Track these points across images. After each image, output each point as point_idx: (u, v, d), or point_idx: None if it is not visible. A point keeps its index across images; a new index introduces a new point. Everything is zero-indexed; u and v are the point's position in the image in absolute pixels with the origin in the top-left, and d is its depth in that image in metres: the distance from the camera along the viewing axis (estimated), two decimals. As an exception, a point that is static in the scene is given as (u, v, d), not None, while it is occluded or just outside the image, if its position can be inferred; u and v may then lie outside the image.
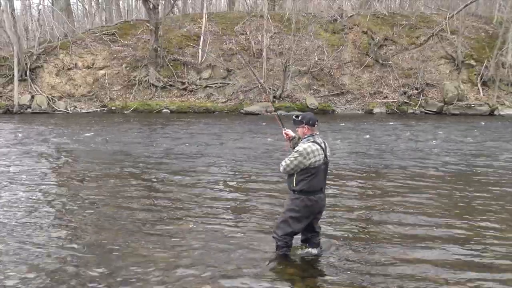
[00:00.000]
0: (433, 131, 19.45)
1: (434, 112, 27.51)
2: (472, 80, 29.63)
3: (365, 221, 7.49)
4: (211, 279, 5.35)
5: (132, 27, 32.80)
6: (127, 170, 11.30)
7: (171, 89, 29.11)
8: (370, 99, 28.86)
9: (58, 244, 6.40)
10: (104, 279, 5.33)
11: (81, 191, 9.28)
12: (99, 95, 28.48)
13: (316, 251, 6.05)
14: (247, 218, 7.57)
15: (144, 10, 34.57)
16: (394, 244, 6.47)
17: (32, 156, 13.11)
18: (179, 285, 5.21)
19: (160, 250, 6.16)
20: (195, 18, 33.72)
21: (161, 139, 16.57)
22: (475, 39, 31.44)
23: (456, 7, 32.62)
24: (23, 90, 27.64)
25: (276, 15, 33.99)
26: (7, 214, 7.63)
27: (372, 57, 30.42)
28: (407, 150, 14.45)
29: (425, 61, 30.14)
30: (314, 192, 5.64)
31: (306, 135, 5.71)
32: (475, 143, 16.09)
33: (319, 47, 30.20)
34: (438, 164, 12.28)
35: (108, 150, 14.24)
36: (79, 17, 49.23)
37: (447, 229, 7.07)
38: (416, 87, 28.68)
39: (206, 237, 6.68)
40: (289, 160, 5.56)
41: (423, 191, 9.43)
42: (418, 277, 5.46)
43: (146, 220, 7.39)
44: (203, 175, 10.75)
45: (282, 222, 5.78)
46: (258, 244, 6.38)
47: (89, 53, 30.14)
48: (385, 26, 32.55)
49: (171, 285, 5.20)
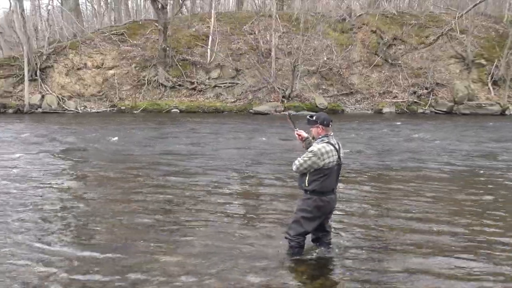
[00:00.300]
0: (445, 130, 19.33)
1: (444, 112, 27.37)
2: (483, 79, 29.44)
3: (376, 222, 7.44)
4: (221, 278, 5.35)
5: (141, 27, 32.87)
6: (135, 170, 11.30)
7: (180, 89, 29.16)
8: (380, 99, 28.77)
9: (64, 242, 6.43)
10: (108, 280, 5.34)
11: (90, 191, 9.33)
12: (109, 95, 28.58)
13: (327, 251, 6.04)
14: (258, 218, 7.55)
15: (152, 10, 34.61)
16: (404, 245, 6.42)
17: (42, 155, 13.17)
18: (188, 285, 5.22)
19: (168, 251, 6.16)
20: (203, 18, 33.74)
21: (171, 138, 16.60)
22: (485, 38, 31.24)
23: (465, 7, 32.41)
24: (33, 90, 27.79)
25: (285, 14, 33.95)
26: (14, 213, 7.68)
27: (381, 57, 30.31)
28: (418, 151, 14.38)
29: (435, 60, 29.98)
30: (326, 193, 5.62)
31: (321, 135, 5.65)
32: (488, 143, 15.98)
33: (328, 46, 30.14)
34: (457, 165, 12.21)
35: (117, 149, 14.27)
36: (88, 17, 49.39)
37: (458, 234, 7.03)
38: (426, 86, 28.53)
39: (216, 235, 6.68)
40: (303, 160, 5.52)
41: (436, 194, 9.36)
42: (430, 275, 5.44)
43: (156, 220, 7.39)
44: (213, 175, 10.73)
45: (294, 223, 5.77)
46: (270, 243, 6.37)
47: (99, 53, 30.25)
48: (394, 25, 32.42)
49: (181, 284, 5.21)
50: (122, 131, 18.62)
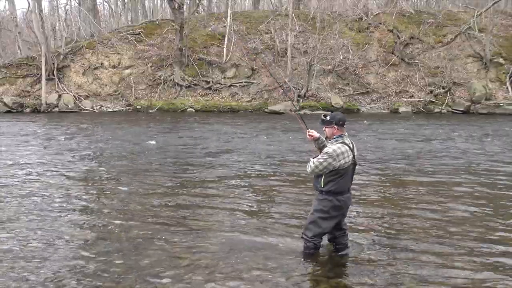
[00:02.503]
0: (467, 130, 19.12)
1: (461, 111, 27.03)
2: (501, 78, 29.00)
3: (392, 223, 7.38)
4: (235, 277, 5.34)
5: (157, 26, 33.04)
6: (153, 167, 11.37)
7: (196, 88, 29.25)
8: (396, 98, 28.53)
9: (82, 239, 6.48)
10: (123, 273, 5.40)
11: (110, 187, 9.39)
12: (125, 94, 28.78)
13: (344, 252, 6.00)
14: (273, 217, 7.52)
15: (169, 10, 34.76)
16: (422, 248, 6.34)
17: (61, 152, 13.32)
18: (203, 281, 5.23)
19: (183, 250, 6.17)
20: (219, 17, 33.81)
21: (187, 137, 16.63)
22: (504, 37, 30.78)
23: (484, 5, 32.00)
24: (50, 89, 28.12)
25: (301, 13, 33.87)
26: (32, 208, 7.77)
27: (398, 56, 30.05)
28: (437, 151, 14.24)
29: (452, 59, 29.60)
30: (342, 192, 5.58)
31: (335, 136, 5.58)
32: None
33: (344, 45, 29.92)
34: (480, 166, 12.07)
35: (136, 148, 14.35)
36: (105, 17, 49.82)
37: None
38: (443, 86, 28.22)
39: (231, 235, 6.68)
40: (318, 161, 5.45)
41: (456, 194, 9.26)
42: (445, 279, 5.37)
43: (172, 217, 7.42)
44: (229, 174, 10.74)
45: (311, 223, 5.72)
46: (284, 243, 6.35)
47: (115, 52, 30.47)
48: (411, 24, 32.13)
49: (194, 280, 5.21)
50: (143, 130, 18.73)
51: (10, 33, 37.24)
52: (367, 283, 5.28)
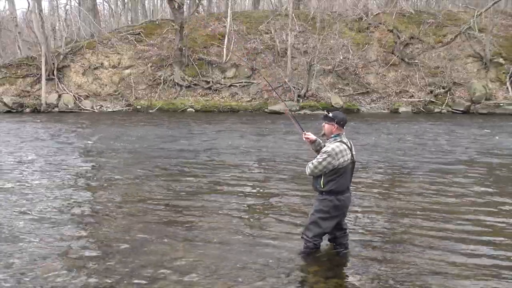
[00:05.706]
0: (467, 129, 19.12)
1: (461, 112, 27.00)
2: (501, 78, 28.97)
3: (392, 223, 7.38)
4: (234, 277, 5.34)
5: (157, 26, 33.03)
6: (153, 168, 11.37)
7: (196, 88, 29.22)
8: (396, 98, 28.50)
9: (82, 239, 6.48)
10: (122, 273, 5.40)
11: (109, 188, 9.39)
12: (125, 94, 28.76)
13: (344, 252, 6.01)
14: (273, 217, 7.52)
15: (169, 10, 34.75)
16: (422, 246, 6.35)
17: (61, 152, 13.33)
18: (203, 281, 5.22)
19: (182, 249, 6.17)
20: (219, 17, 33.77)
21: (187, 137, 16.63)
22: (504, 37, 30.75)
23: (484, 5, 31.96)
24: (50, 89, 28.08)
25: (301, 13, 33.85)
26: (29, 210, 7.76)
27: (398, 56, 30.02)
28: (438, 151, 14.24)
29: (452, 59, 29.58)
30: (342, 192, 5.60)
31: (333, 134, 5.62)
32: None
33: (344, 45, 29.88)
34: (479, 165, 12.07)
35: (134, 148, 14.35)
36: (105, 17, 49.82)
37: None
38: (443, 86, 28.19)
39: (229, 235, 6.68)
40: (317, 161, 5.48)
41: (456, 192, 9.26)
42: (445, 275, 5.36)
43: (172, 217, 7.43)
44: (229, 174, 10.75)
45: (312, 224, 5.73)
46: (285, 243, 6.35)
47: (115, 52, 30.46)
48: (411, 24, 32.10)
49: (194, 282, 5.21)
50: (139, 129, 18.73)
51: (10, 33, 37.24)
52: (367, 283, 5.28)
